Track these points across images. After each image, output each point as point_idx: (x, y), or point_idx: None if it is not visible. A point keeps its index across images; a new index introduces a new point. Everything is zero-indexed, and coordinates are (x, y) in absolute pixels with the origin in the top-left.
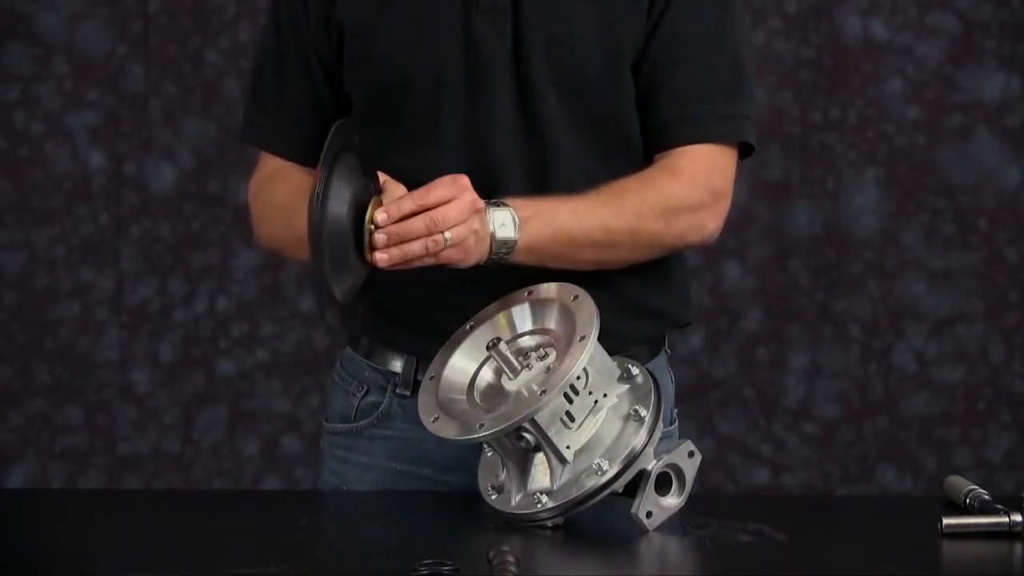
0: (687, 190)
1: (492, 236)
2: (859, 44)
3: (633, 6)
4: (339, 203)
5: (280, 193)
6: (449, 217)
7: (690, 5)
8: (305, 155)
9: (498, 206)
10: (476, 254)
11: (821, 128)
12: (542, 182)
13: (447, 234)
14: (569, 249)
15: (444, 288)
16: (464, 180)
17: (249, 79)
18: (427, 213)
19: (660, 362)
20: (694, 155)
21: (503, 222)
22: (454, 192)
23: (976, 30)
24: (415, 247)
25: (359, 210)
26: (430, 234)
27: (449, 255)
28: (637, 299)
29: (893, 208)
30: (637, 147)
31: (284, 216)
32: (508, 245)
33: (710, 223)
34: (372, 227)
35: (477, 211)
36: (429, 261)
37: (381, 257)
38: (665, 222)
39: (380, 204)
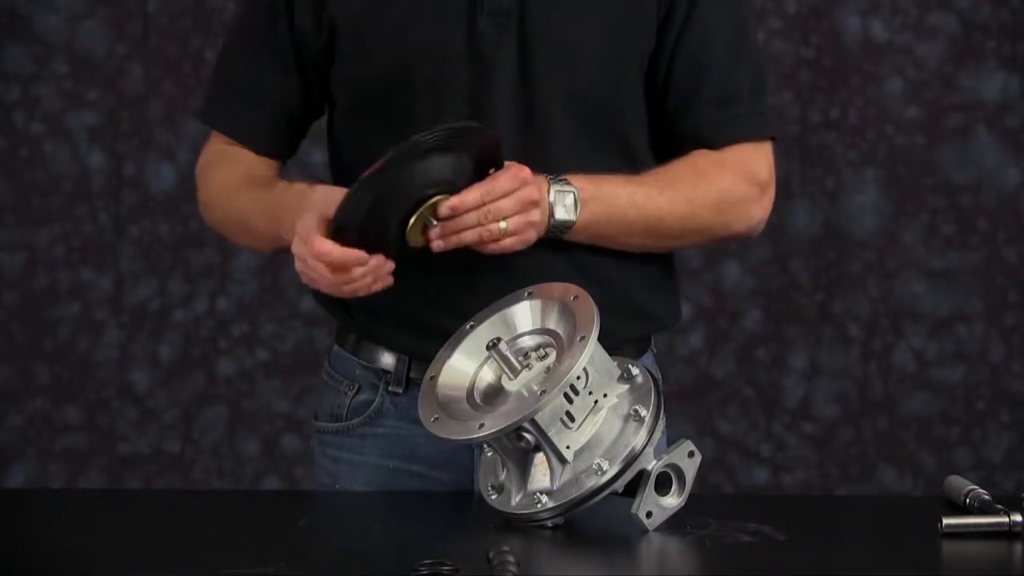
0: (735, 183)
1: (551, 216)
2: (859, 44)
3: (642, 13)
4: (424, 173)
5: (223, 174)
6: (503, 209)
7: (712, 10)
8: (265, 145)
9: (563, 188)
10: (534, 238)
11: (821, 128)
12: None
13: (503, 224)
14: (622, 233)
15: (435, 288)
16: (525, 173)
17: (216, 61)
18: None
19: (647, 361)
20: (735, 152)
21: (565, 204)
22: (515, 186)
23: (976, 30)
24: (468, 236)
25: (428, 191)
26: (482, 224)
27: (510, 243)
28: (630, 300)
29: (893, 208)
30: (641, 153)
31: (224, 197)
32: (566, 226)
33: (758, 213)
34: (430, 218)
35: (534, 203)
36: (491, 249)
37: (437, 244)
38: (715, 212)
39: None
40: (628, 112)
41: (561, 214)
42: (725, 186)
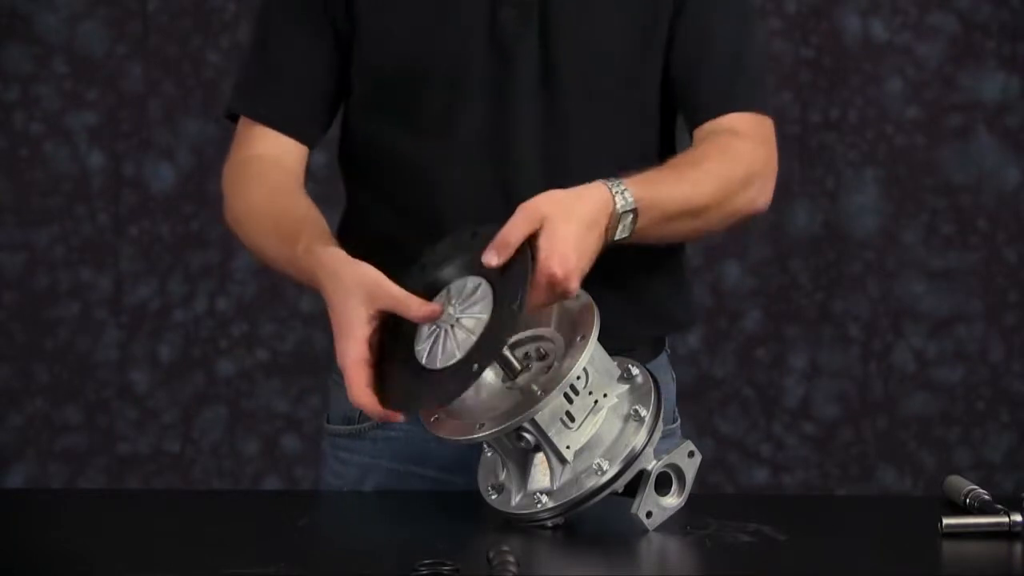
0: (752, 148)
1: (610, 236)
2: (859, 44)
3: (659, 4)
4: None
5: (244, 201)
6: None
7: (718, 5)
8: (306, 133)
9: (626, 206)
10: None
11: (821, 128)
12: (561, 183)
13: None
14: (660, 232)
15: None
16: (552, 267)
17: (247, 52)
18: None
19: (661, 360)
20: (745, 120)
21: (625, 224)
22: (550, 298)
23: (976, 30)
24: None
25: None
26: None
27: None
28: (647, 302)
29: (893, 208)
30: (659, 144)
31: (249, 227)
32: (617, 242)
33: (769, 187)
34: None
35: (565, 279)
36: None
37: None
38: (743, 188)
39: None
40: (649, 105)
41: (619, 234)
42: (746, 157)
